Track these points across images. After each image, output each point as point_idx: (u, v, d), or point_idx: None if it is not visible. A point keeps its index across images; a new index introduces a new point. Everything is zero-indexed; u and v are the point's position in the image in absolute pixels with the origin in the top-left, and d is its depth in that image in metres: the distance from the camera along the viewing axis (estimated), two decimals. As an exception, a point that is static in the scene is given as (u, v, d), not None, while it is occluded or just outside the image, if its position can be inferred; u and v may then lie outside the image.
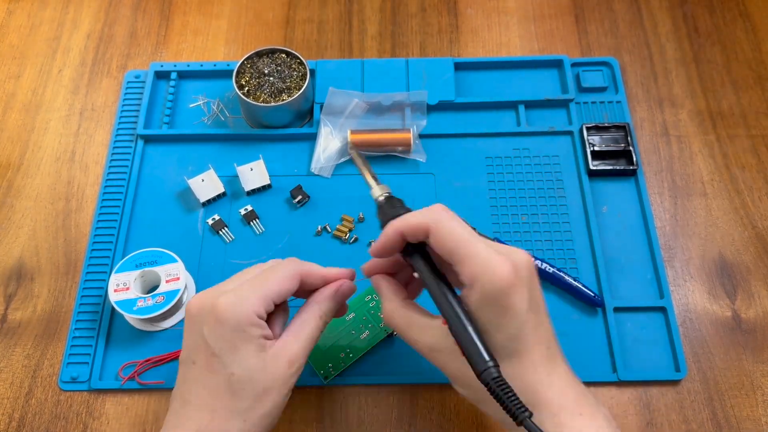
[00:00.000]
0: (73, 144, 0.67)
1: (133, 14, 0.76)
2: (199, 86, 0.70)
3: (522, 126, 0.66)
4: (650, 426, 0.53)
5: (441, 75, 0.68)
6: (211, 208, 0.62)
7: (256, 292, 0.42)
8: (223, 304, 0.41)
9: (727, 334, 0.56)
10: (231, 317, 0.41)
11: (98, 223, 0.62)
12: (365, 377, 0.54)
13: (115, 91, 0.70)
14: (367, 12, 0.76)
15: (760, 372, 0.55)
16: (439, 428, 0.53)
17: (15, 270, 0.60)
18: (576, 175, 0.63)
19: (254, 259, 0.60)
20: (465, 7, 0.76)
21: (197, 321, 0.42)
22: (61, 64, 0.72)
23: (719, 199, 0.63)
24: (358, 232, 0.61)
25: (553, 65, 0.70)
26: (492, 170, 0.64)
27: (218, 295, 0.42)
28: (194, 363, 0.42)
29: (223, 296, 0.42)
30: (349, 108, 0.66)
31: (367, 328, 0.55)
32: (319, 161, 0.64)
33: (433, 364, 0.43)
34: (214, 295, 0.42)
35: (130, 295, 0.54)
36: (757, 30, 0.73)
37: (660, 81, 0.70)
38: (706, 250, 0.61)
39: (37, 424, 0.53)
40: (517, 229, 0.61)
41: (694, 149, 0.66)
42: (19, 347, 0.57)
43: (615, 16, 0.74)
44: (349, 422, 0.53)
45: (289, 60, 0.66)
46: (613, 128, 0.65)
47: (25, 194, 0.64)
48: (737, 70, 0.70)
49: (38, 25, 0.75)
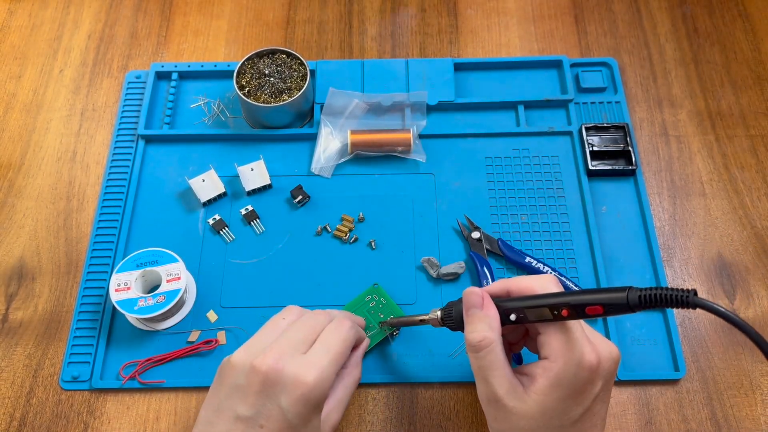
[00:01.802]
0: (74, 144, 0.67)
1: (134, 15, 0.76)
2: (199, 86, 0.70)
3: (521, 126, 0.66)
4: (649, 425, 0.53)
5: (441, 75, 0.68)
6: (212, 208, 0.63)
7: (334, 368, 0.43)
8: (310, 382, 0.41)
9: (726, 334, 0.57)
10: (315, 397, 0.41)
11: (99, 223, 0.62)
12: (365, 377, 0.54)
13: (116, 92, 0.71)
14: (367, 12, 0.76)
15: (759, 371, 0.55)
16: (439, 428, 0.53)
17: (16, 270, 0.60)
18: (575, 175, 0.64)
19: (254, 258, 0.60)
20: (465, 8, 0.76)
21: (276, 387, 0.41)
22: (62, 64, 0.73)
23: (718, 199, 0.63)
24: (358, 232, 0.61)
25: (552, 66, 0.71)
26: (492, 170, 0.64)
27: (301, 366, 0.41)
28: (261, 427, 0.41)
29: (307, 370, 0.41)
30: (349, 108, 0.66)
31: (367, 329, 0.55)
32: (320, 161, 0.64)
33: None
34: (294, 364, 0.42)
35: (131, 294, 0.54)
36: (757, 30, 0.73)
37: (659, 81, 0.70)
38: (705, 249, 0.61)
39: (38, 424, 0.53)
40: (516, 229, 0.61)
41: (693, 149, 0.66)
42: (21, 347, 0.57)
43: (614, 17, 0.75)
44: (349, 422, 0.53)
45: (289, 60, 0.66)
46: (613, 128, 0.65)
47: (27, 194, 0.64)
48: (736, 71, 0.71)
49: (39, 25, 0.75)
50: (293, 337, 0.44)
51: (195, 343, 0.56)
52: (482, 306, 0.43)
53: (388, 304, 0.56)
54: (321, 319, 0.46)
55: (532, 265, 0.58)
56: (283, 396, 0.41)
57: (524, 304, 0.42)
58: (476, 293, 0.43)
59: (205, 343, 0.55)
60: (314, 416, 0.42)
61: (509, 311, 0.42)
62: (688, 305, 0.35)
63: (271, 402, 0.41)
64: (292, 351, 0.43)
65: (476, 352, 0.42)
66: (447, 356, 0.55)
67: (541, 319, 0.41)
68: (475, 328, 0.42)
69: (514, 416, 0.41)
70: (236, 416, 0.41)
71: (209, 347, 0.55)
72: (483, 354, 0.41)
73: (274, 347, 0.42)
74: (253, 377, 0.41)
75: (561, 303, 0.40)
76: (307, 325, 0.45)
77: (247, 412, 0.41)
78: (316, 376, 0.41)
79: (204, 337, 0.56)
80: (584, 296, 0.39)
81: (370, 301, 0.56)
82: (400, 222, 0.61)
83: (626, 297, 0.37)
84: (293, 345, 0.43)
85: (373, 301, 0.56)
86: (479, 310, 0.43)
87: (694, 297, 0.35)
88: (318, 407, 0.42)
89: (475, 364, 0.42)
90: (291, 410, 0.41)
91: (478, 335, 0.42)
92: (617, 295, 0.37)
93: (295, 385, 0.41)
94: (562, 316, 0.40)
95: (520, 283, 0.44)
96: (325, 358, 0.43)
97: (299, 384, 0.41)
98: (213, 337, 0.56)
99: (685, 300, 0.35)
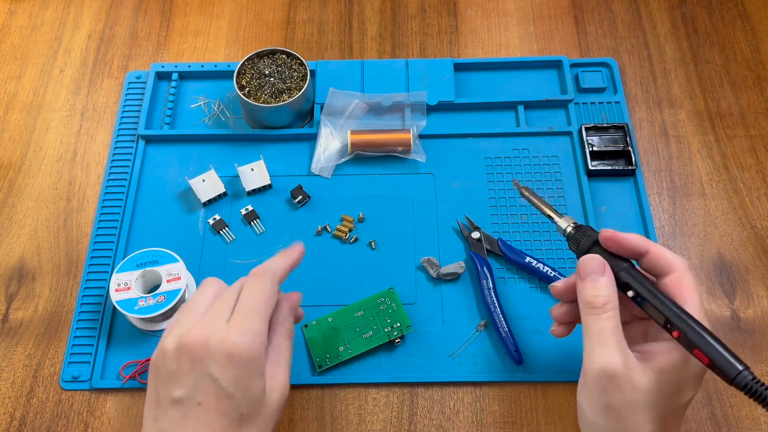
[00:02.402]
0: (74, 144, 0.67)
1: (134, 15, 0.76)
2: (199, 87, 0.70)
3: (521, 126, 0.66)
4: (649, 425, 0.53)
5: (441, 75, 0.68)
6: (212, 208, 0.63)
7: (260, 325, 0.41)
8: (238, 343, 0.39)
9: (726, 334, 0.57)
10: (247, 356, 0.40)
11: (99, 223, 0.62)
12: (365, 377, 0.54)
13: (116, 92, 0.71)
14: (367, 13, 0.76)
15: (759, 371, 0.55)
16: (439, 428, 0.53)
17: (16, 270, 0.60)
18: (575, 176, 0.64)
19: (255, 258, 0.60)
20: (465, 8, 0.76)
21: (203, 360, 0.40)
22: (63, 64, 0.73)
23: (718, 199, 0.63)
24: (358, 232, 0.61)
25: (552, 66, 0.71)
26: (492, 170, 0.64)
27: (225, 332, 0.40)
28: (200, 404, 0.39)
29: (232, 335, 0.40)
30: (349, 108, 0.66)
31: (371, 329, 0.55)
32: (320, 161, 0.64)
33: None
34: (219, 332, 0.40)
35: (132, 294, 0.54)
36: (756, 30, 0.73)
37: (659, 81, 0.70)
38: (705, 249, 0.61)
39: (38, 424, 0.53)
40: (516, 229, 0.61)
41: (693, 149, 0.66)
42: (21, 347, 0.57)
43: (614, 17, 0.75)
44: (349, 422, 0.53)
45: (289, 61, 0.66)
46: (612, 128, 0.65)
47: (27, 194, 0.64)
48: (736, 71, 0.71)
49: (39, 25, 0.75)
50: (217, 308, 0.42)
51: (195, 343, 0.56)
52: (603, 273, 0.41)
53: (398, 311, 0.56)
54: (241, 280, 0.45)
55: (532, 265, 0.58)
56: (213, 366, 0.39)
57: (648, 296, 0.40)
58: (598, 260, 0.41)
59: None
60: (253, 381, 0.40)
61: (629, 287, 0.41)
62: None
63: (203, 375, 0.39)
64: (216, 321, 0.41)
65: (599, 314, 0.40)
66: (447, 356, 0.55)
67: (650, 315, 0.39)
68: (600, 291, 0.40)
69: (629, 387, 0.38)
70: (173, 401, 0.40)
71: (209, 347, 0.55)
72: (606, 316, 0.39)
73: (198, 323, 0.41)
74: (182, 357, 0.40)
75: (678, 325, 0.38)
76: (227, 294, 0.44)
77: (182, 393, 0.40)
78: (242, 337, 0.40)
79: (204, 337, 0.56)
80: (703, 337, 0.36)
81: (381, 304, 0.56)
82: (400, 222, 0.61)
83: (735, 372, 0.35)
84: (216, 315, 0.42)
85: (384, 305, 0.56)
86: (602, 276, 0.41)
87: None
88: (254, 370, 0.40)
89: (594, 325, 0.40)
90: (224, 376, 0.39)
91: (603, 297, 0.40)
92: (730, 364, 0.35)
93: (222, 352, 0.39)
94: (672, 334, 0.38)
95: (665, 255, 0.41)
96: (248, 319, 0.41)
97: (226, 349, 0.39)
98: (213, 337, 0.56)
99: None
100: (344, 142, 0.64)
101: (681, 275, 0.40)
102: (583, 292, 0.41)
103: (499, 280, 0.58)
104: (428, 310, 0.57)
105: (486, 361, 0.55)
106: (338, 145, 0.65)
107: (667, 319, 0.38)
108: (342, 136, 0.65)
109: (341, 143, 0.65)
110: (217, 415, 0.39)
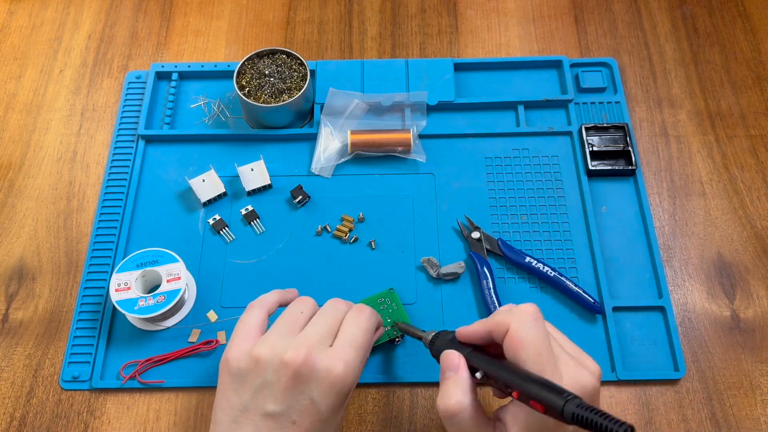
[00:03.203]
0: (74, 144, 0.67)
1: (134, 15, 0.76)
2: (199, 87, 0.70)
3: (521, 126, 0.66)
4: (649, 425, 0.53)
5: (441, 75, 0.68)
6: (212, 208, 0.63)
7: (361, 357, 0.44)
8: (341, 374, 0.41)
9: (726, 334, 0.57)
10: (346, 388, 0.42)
11: (99, 223, 0.62)
12: (365, 376, 0.54)
13: (116, 92, 0.71)
14: (367, 13, 0.76)
15: (759, 371, 0.55)
16: (439, 428, 0.53)
17: (16, 270, 0.60)
18: (575, 176, 0.64)
19: (254, 258, 0.60)
20: (465, 8, 0.76)
21: (309, 382, 0.41)
22: (63, 64, 0.73)
23: (718, 199, 0.63)
24: (358, 232, 0.61)
25: (552, 66, 0.71)
26: (491, 170, 0.64)
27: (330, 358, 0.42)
28: (294, 423, 0.41)
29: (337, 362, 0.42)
30: (349, 108, 0.66)
31: None
32: (320, 161, 0.64)
33: None
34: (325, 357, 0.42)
35: (131, 294, 0.54)
36: (756, 31, 0.73)
37: (659, 81, 0.70)
38: (705, 249, 0.61)
39: (38, 423, 0.53)
40: (516, 229, 0.61)
41: (693, 149, 0.66)
42: (21, 347, 0.57)
43: (614, 17, 0.75)
44: (350, 422, 0.53)
45: (289, 61, 0.66)
46: (612, 128, 0.65)
47: (27, 194, 0.64)
48: (736, 71, 0.71)
49: (39, 25, 0.75)
50: (319, 330, 0.44)
51: (195, 343, 0.56)
52: (458, 369, 0.41)
53: (399, 311, 0.56)
54: (341, 308, 0.47)
55: (532, 265, 0.58)
56: (315, 389, 0.41)
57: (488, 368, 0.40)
58: (454, 357, 0.42)
59: (206, 343, 0.55)
60: (343, 406, 0.43)
61: (476, 369, 0.41)
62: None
63: (303, 396, 0.41)
64: (320, 344, 0.43)
65: (450, 418, 0.40)
66: (447, 356, 0.55)
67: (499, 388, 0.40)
68: (449, 392, 0.40)
69: None
70: (265, 413, 0.41)
71: (209, 347, 0.55)
72: (457, 420, 0.40)
73: (302, 341, 0.42)
74: (283, 373, 0.41)
75: (511, 384, 0.38)
76: (330, 316, 0.46)
77: (277, 408, 0.41)
78: (346, 367, 0.42)
79: (204, 337, 0.56)
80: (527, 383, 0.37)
81: (382, 304, 0.56)
82: (400, 222, 0.61)
83: (562, 405, 0.34)
84: (320, 338, 0.43)
85: (384, 305, 0.56)
86: (454, 372, 0.41)
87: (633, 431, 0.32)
88: (347, 397, 0.43)
89: (450, 429, 0.41)
90: (323, 402, 0.41)
91: (451, 400, 0.40)
92: (554, 399, 0.35)
93: (327, 378, 0.41)
94: (513, 396, 0.38)
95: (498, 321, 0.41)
96: (352, 349, 0.43)
97: (331, 376, 0.41)
98: (213, 337, 0.56)
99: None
100: (344, 142, 0.64)
101: (513, 332, 0.40)
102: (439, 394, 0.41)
103: (499, 280, 0.58)
104: (428, 310, 0.57)
105: (486, 361, 0.55)
106: (338, 145, 0.65)
107: (505, 384, 0.38)
108: (342, 136, 0.65)
109: (341, 143, 0.65)
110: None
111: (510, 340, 0.40)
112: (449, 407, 0.40)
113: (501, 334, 0.41)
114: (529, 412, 0.38)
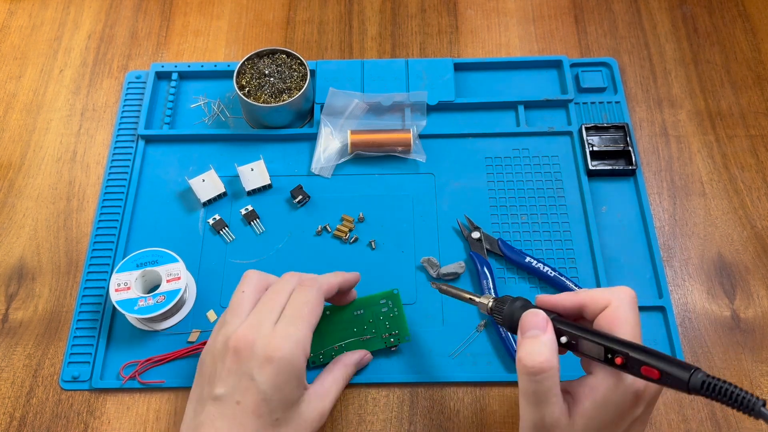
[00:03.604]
0: (74, 144, 0.67)
1: (134, 15, 0.76)
2: (199, 87, 0.70)
3: (521, 126, 0.66)
4: (649, 425, 0.53)
5: (441, 75, 0.68)
6: (212, 208, 0.63)
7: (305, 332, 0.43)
8: (280, 349, 0.41)
9: (726, 334, 0.57)
10: (287, 365, 0.41)
11: (99, 223, 0.62)
12: (365, 376, 0.54)
13: (116, 92, 0.71)
14: (367, 13, 0.76)
15: (759, 371, 0.55)
16: (439, 428, 0.53)
17: (16, 270, 0.60)
18: (575, 176, 0.64)
19: (254, 258, 0.60)
20: (465, 8, 0.76)
21: (247, 361, 0.41)
22: (62, 64, 0.73)
23: (718, 199, 0.63)
24: (358, 232, 0.61)
25: (552, 66, 0.71)
26: (492, 170, 0.64)
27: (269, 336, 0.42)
28: (238, 403, 0.41)
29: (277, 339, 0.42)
30: (349, 108, 0.66)
31: (369, 332, 0.54)
32: (320, 161, 0.64)
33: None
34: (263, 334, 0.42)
35: (131, 294, 0.54)
36: (756, 30, 0.73)
37: (659, 81, 0.70)
38: (705, 249, 0.61)
39: (38, 424, 0.53)
40: (516, 229, 0.61)
41: (693, 149, 0.66)
42: (21, 347, 0.57)
43: (614, 17, 0.75)
44: (349, 422, 0.53)
45: (289, 60, 0.66)
46: (613, 128, 0.65)
47: (27, 194, 0.64)
48: (736, 71, 0.71)
49: (39, 25, 0.75)
50: (263, 311, 0.44)
51: (195, 343, 0.56)
52: (545, 330, 0.40)
53: (399, 317, 0.54)
54: (290, 282, 0.47)
55: (532, 265, 0.58)
56: (255, 368, 0.41)
57: (581, 334, 0.40)
58: (541, 317, 0.41)
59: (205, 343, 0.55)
60: (291, 388, 0.42)
61: (562, 333, 0.40)
62: (752, 413, 0.32)
63: (245, 376, 0.41)
64: (262, 323, 0.43)
65: (535, 376, 0.38)
66: (447, 356, 0.55)
67: (590, 355, 0.39)
68: (537, 349, 0.39)
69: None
70: (214, 397, 0.42)
71: (209, 347, 0.55)
72: (542, 378, 0.38)
73: (245, 323, 0.43)
74: (227, 356, 0.42)
75: (619, 351, 0.37)
76: (275, 296, 0.46)
77: (222, 391, 0.42)
78: (285, 343, 0.42)
79: (204, 337, 0.56)
80: (646, 356, 0.36)
81: (383, 306, 0.54)
82: (400, 222, 0.61)
83: (689, 377, 0.34)
84: (264, 316, 0.44)
85: (385, 307, 0.54)
86: (542, 332, 0.40)
87: (762, 408, 0.32)
88: (294, 378, 0.42)
89: (529, 387, 0.39)
90: (264, 381, 0.41)
91: (540, 357, 0.38)
92: (680, 372, 0.35)
93: (265, 355, 0.41)
94: (615, 363, 0.38)
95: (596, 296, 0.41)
96: (292, 326, 0.43)
97: (269, 353, 0.41)
98: (213, 337, 0.56)
99: (751, 406, 0.32)
100: (344, 142, 0.64)
101: (613, 309, 0.40)
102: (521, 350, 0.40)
103: (499, 280, 0.58)
104: (428, 310, 0.57)
105: (486, 361, 0.55)
106: (338, 145, 0.65)
107: (607, 349, 0.38)
108: (342, 135, 0.65)
109: (341, 143, 0.65)
110: (253, 416, 0.41)
111: (606, 317, 0.40)
112: (539, 363, 0.38)
113: (596, 310, 0.41)
114: (610, 387, 0.38)
